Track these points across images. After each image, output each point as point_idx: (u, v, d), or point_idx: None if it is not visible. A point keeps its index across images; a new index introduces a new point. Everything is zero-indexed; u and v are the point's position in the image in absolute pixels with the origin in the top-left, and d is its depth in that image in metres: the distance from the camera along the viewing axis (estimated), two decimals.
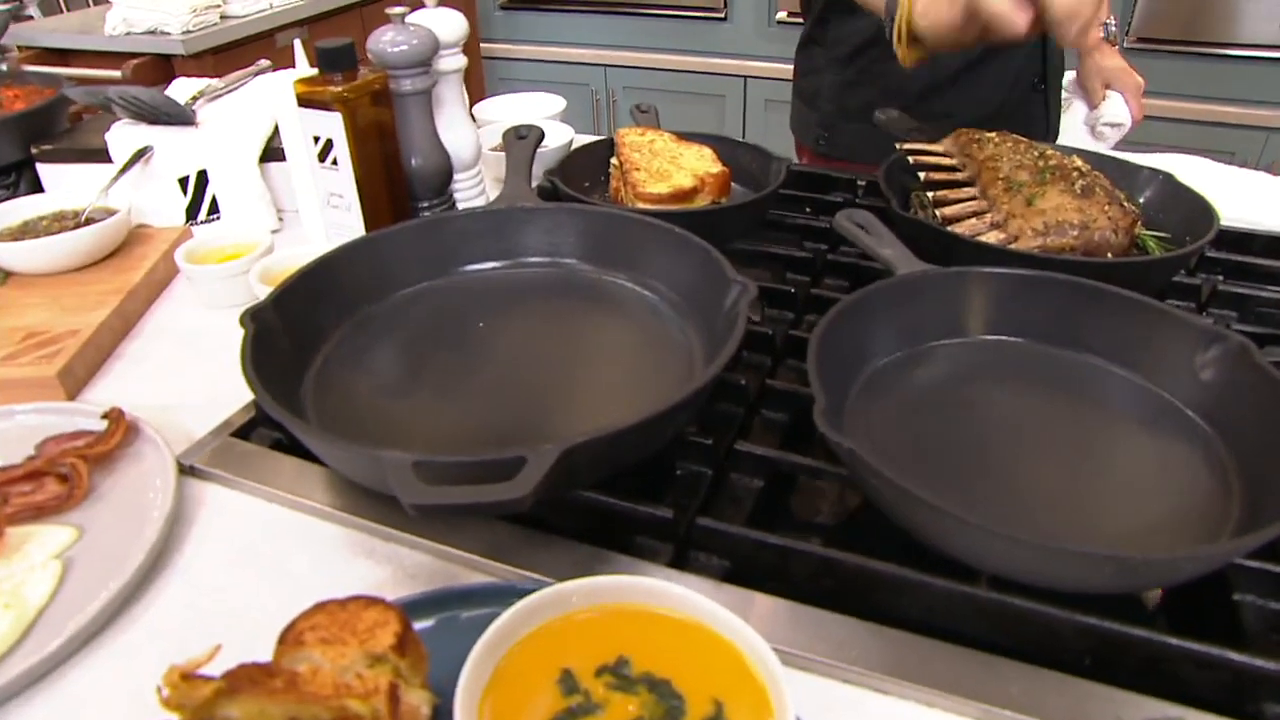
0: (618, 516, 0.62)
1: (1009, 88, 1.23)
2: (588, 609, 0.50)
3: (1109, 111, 1.22)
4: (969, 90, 1.21)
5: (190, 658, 0.45)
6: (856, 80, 1.25)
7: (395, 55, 0.88)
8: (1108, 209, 0.83)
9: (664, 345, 0.76)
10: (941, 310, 0.73)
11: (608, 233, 0.82)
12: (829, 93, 1.29)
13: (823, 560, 0.57)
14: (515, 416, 0.70)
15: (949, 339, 0.73)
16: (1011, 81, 1.23)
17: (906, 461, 0.63)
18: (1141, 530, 0.59)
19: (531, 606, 0.49)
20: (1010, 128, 1.00)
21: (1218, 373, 0.66)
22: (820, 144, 1.33)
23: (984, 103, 1.22)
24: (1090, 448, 0.66)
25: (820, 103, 1.31)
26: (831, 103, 1.29)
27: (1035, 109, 1.27)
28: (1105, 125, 1.24)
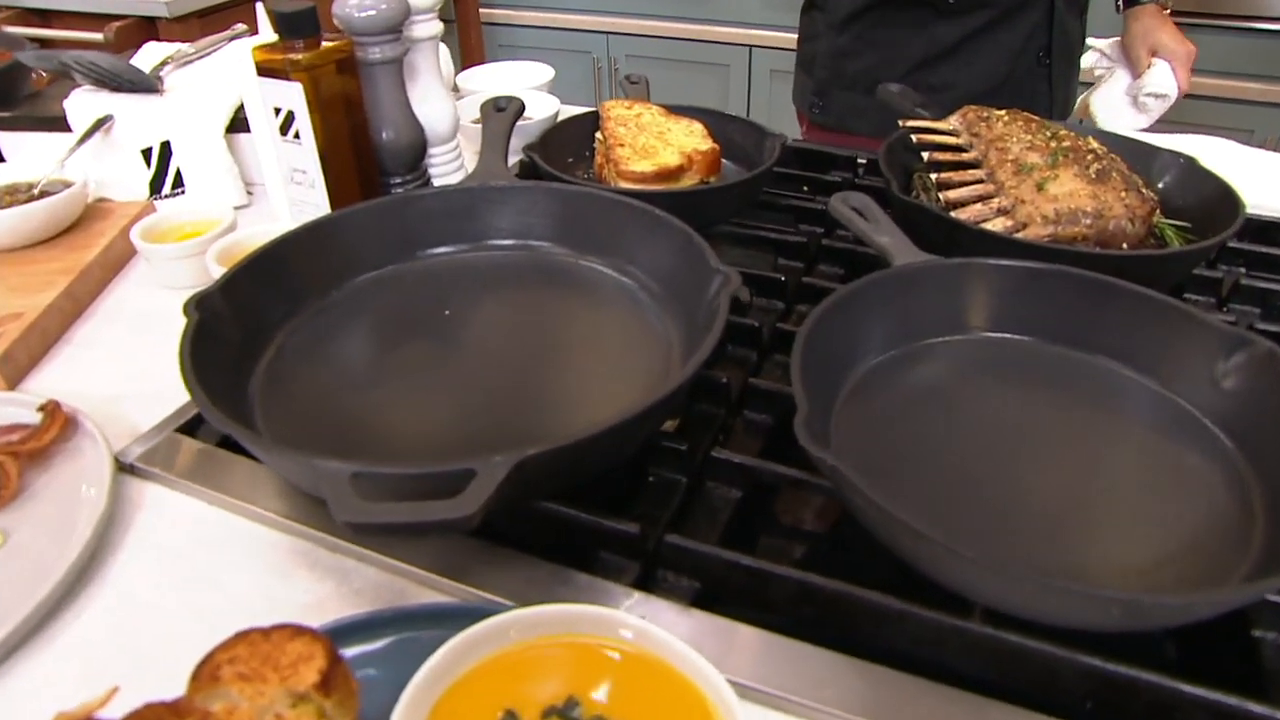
0: (580, 530, 0.57)
1: (1013, 61, 1.16)
2: (534, 641, 0.46)
3: (1154, 81, 1.16)
4: (970, 61, 1.15)
5: (83, 702, 0.41)
6: (852, 47, 1.20)
7: (362, 21, 0.82)
8: (1124, 196, 0.77)
9: (641, 337, 0.71)
10: (941, 305, 0.67)
11: (583, 214, 0.76)
12: (824, 59, 1.24)
13: (800, 585, 0.52)
14: (479, 417, 0.65)
15: (948, 336, 0.68)
16: (1016, 54, 1.16)
17: (896, 475, 0.57)
18: (1153, 560, 0.53)
19: (471, 640, 0.45)
20: (1013, 104, 0.94)
21: (1242, 381, 0.61)
22: (815, 111, 1.28)
23: (986, 76, 1.16)
24: (1099, 461, 0.60)
25: (816, 69, 1.26)
26: (826, 69, 1.24)
27: (1039, 84, 1.20)
28: (1148, 96, 1.17)
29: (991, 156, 0.84)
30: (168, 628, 0.55)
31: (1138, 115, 1.23)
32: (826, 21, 1.22)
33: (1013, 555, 0.53)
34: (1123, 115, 1.24)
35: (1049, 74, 1.21)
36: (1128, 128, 1.21)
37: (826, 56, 1.23)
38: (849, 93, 1.21)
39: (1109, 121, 1.24)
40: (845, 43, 1.20)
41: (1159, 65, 1.20)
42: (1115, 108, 1.25)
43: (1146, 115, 1.22)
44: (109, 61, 0.96)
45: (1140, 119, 1.23)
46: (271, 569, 0.58)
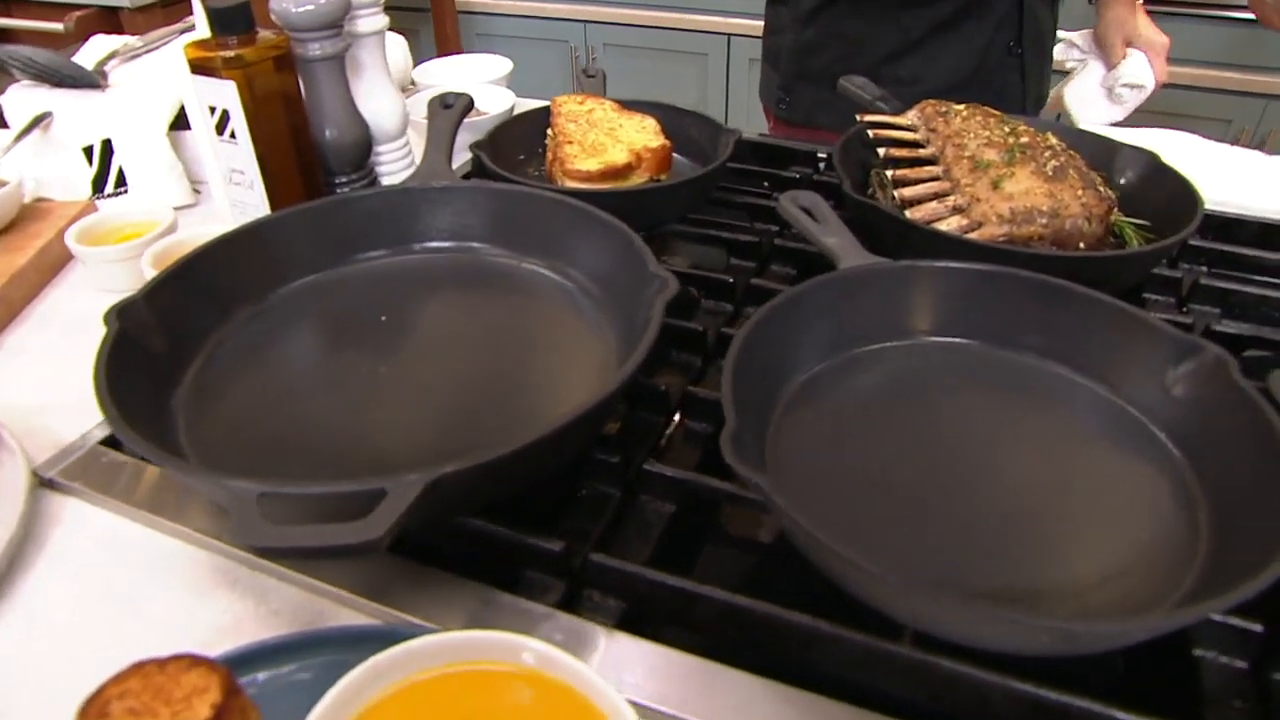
0: (504, 548, 0.55)
1: (982, 52, 1.14)
2: (443, 669, 0.44)
3: (1129, 71, 1.13)
4: (938, 55, 1.13)
5: None
6: (818, 41, 1.17)
7: (300, 16, 0.80)
8: (1081, 194, 0.75)
9: (580, 343, 0.69)
10: (886, 309, 0.65)
11: (522, 214, 0.74)
12: (789, 54, 1.21)
13: (725, 607, 0.50)
14: (409, 429, 0.63)
15: (893, 342, 0.66)
16: (985, 45, 1.14)
17: (833, 490, 0.56)
18: (1097, 577, 0.51)
19: (372, 672, 0.43)
20: (984, 97, 0.92)
21: (1191, 390, 0.59)
22: (781, 107, 1.26)
23: (955, 69, 1.13)
24: (1045, 472, 0.58)
25: (782, 64, 1.23)
26: (792, 64, 1.21)
27: (1011, 75, 1.18)
28: (1124, 87, 1.15)
29: (948, 153, 0.81)
30: (78, 653, 0.53)
31: (1112, 107, 1.21)
32: (792, 15, 1.20)
33: (952, 574, 0.51)
34: (1097, 107, 1.22)
35: (1021, 65, 1.18)
36: (1102, 120, 1.19)
37: (792, 51, 1.20)
38: (815, 87, 1.19)
39: (1083, 114, 1.21)
40: (811, 37, 1.17)
41: (1134, 55, 1.17)
42: (1089, 100, 1.23)
43: (1121, 107, 1.20)
44: (46, 57, 0.94)
45: (1115, 111, 1.21)
46: (191, 588, 0.57)
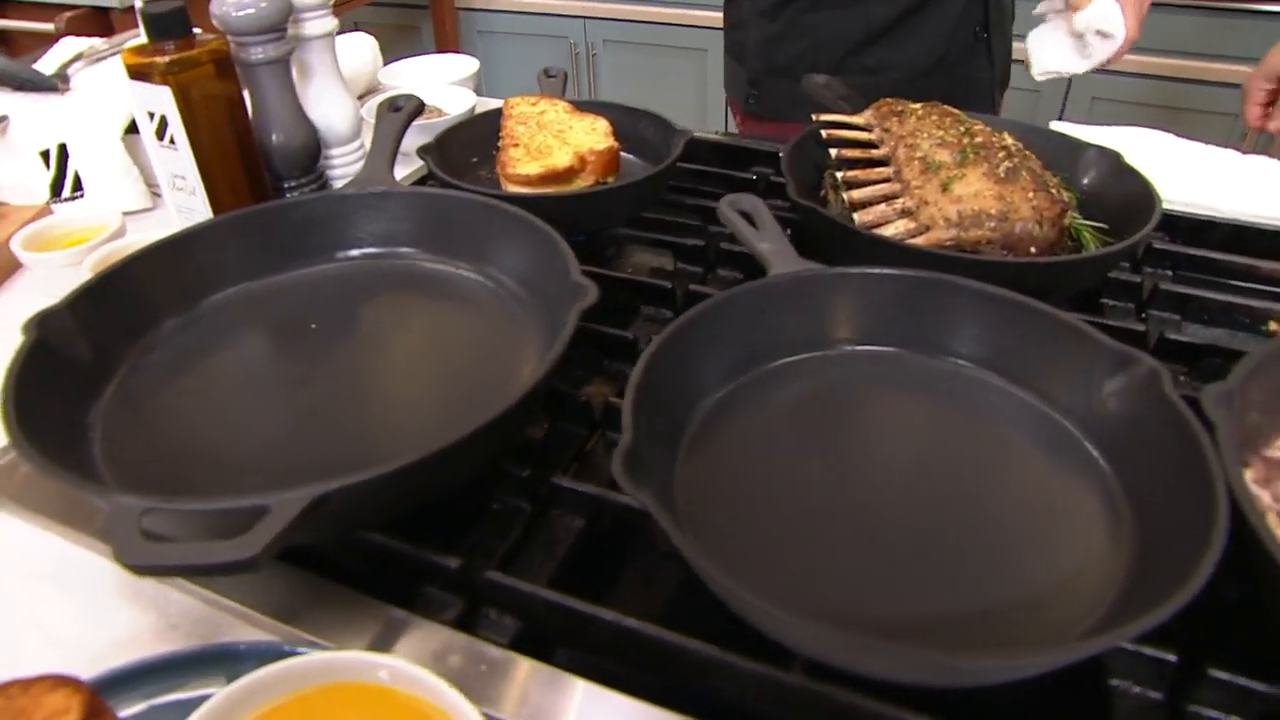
0: (403, 563, 0.54)
1: (949, 37, 1.11)
2: (315, 690, 0.43)
3: (1098, 15, 1.04)
4: (904, 43, 1.11)
5: None
6: (784, 34, 1.15)
7: (240, 20, 0.79)
8: (1032, 197, 0.73)
9: (508, 351, 0.67)
10: (812, 319, 0.63)
11: (453, 219, 0.73)
12: (756, 48, 1.19)
13: (616, 629, 0.49)
14: (326, 441, 0.61)
15: (817, 352, 0.64)
16: (951, 30, 1.11)
17: (741, 513, 0.54)
18: (1012, 601, 0.49)
19: (232, 698, 0.42)
20: (952, 83, 0.89)
21: (1123, 403, 0.57)
22: (750, 103, 1.23)
23: (921, 56, 1.11)
24: (967, 490, 0.56)
25: (748, 59, 1.21)
26: (759, 59, 1.19)
27: (978, 59, 1.15)
28: (1095, 34, 1.07)
29: (900, 153, 0.79)
30: None
31: (1078, 57, 1.10)
32: (754, 8, 1.18)
33: (859, 602, 0.49)
34: (1061, 56, 1.12)
35: (988, 49, 1.15)
36: (1063, 68, 1.10)
37: (758, 44, 1.18)
38: (784, 80, 1.17)
39: (1044, 62, 1.11)
40: (778, 29, 1.15)
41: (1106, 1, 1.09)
42: (1053, 48, 1.14)
43: (1087, 59, 1.10)
44: (2, 62, 0.94)
45: (1080, 62, 1.10)
46: (93, 600, 0.56)
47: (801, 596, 0.50)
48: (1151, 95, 2.05)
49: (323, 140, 0.92)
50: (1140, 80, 2.05)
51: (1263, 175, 0.90)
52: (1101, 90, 2.10)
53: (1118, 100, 2.10)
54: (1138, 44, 2.00)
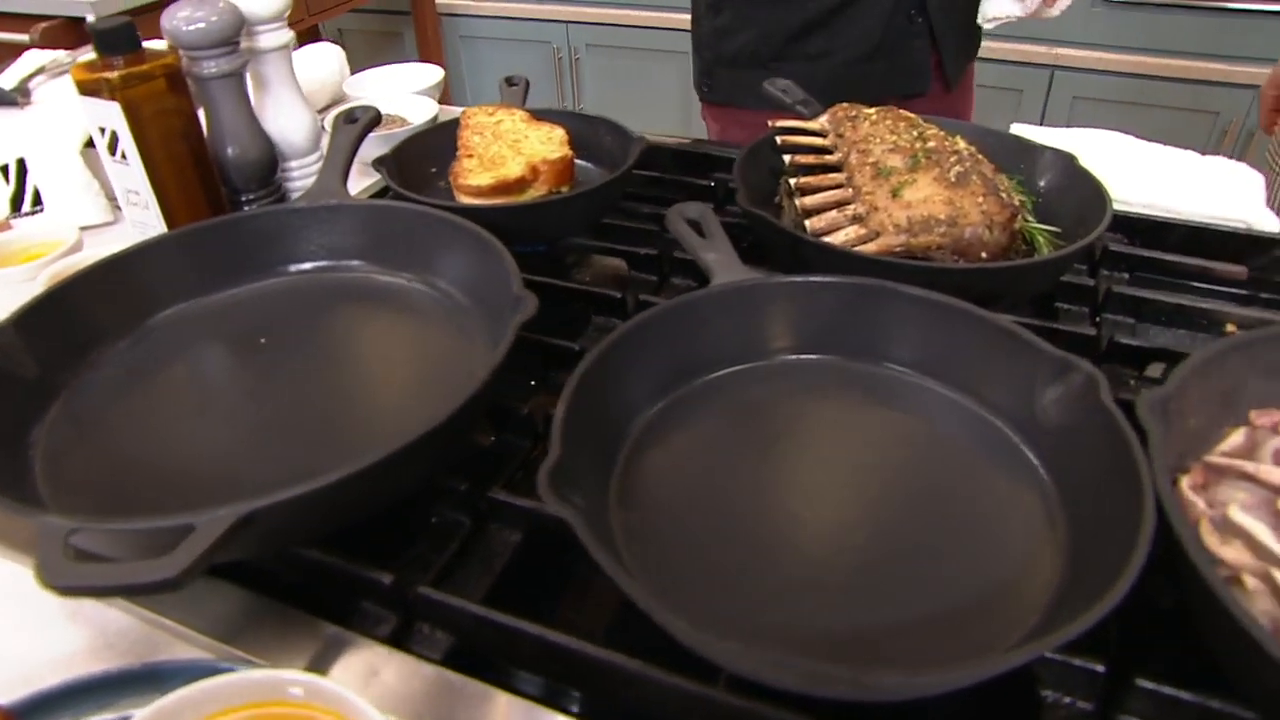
0: (338, 578, 0.54)
1: (885, 22, 1.12)
2: (236, 710, 0.43)
3: None
4: (842, 30, 1.12)
5: None
6: (730, 25, 1.18)
7: (191, 34, 0.79)
8: (982, 201, 0.72)
9: (455, 363, 0.67)
10: (754, 329, 0.63)
11: (401, 232, 0.73)
12: (706, 38, 1.22)
13: (542, 645, 0.49)
14: (275, 456, 0.61)
15: (758, 362, 0.64)
16: (888, 16, 1.12)
17: (675, 528, 0.53)
18: (946, 611, 0.49)
19: (156, 713, 0.42)
20: (891, 66, 0.89)
21: (1062, 410, 0.56)
22: (705, 90, 1.26)
23: (860, 41, 1.12)
24: (904, 500, 0.56)
25: (702, 49, 1.24)
26: (710, 49, 1.22)
27: (918, 41, 1.15)
28: None
29: (853, 159, 0.79)
30: None
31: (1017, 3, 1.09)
32: (704, 1, 1.20)
33: (789, 616, 0.49)
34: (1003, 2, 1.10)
35: (929, 32, 1.15)
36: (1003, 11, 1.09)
37: (708, 35, 1.21)
38: (733, 70, 1.19)
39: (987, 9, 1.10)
40: (724, 22, 1.18)
41: None
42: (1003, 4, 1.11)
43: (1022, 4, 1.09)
44: None
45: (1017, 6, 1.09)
46: (32, 619, 0.56)
47: (734, 611, 0.49)
48: (1133, 93, 2.04)
49: (281, 153, 0.92)
50: (1122, 79, 2.04)
51: (1221, 176, 0.90)
52: (1083, 89, 2.10)
53: (1100, 99, 2.09)
54: (1119, 43, 2.01)
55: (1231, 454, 0.57)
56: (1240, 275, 0.80)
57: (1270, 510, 0.53)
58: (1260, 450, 0.57)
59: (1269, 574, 0.48)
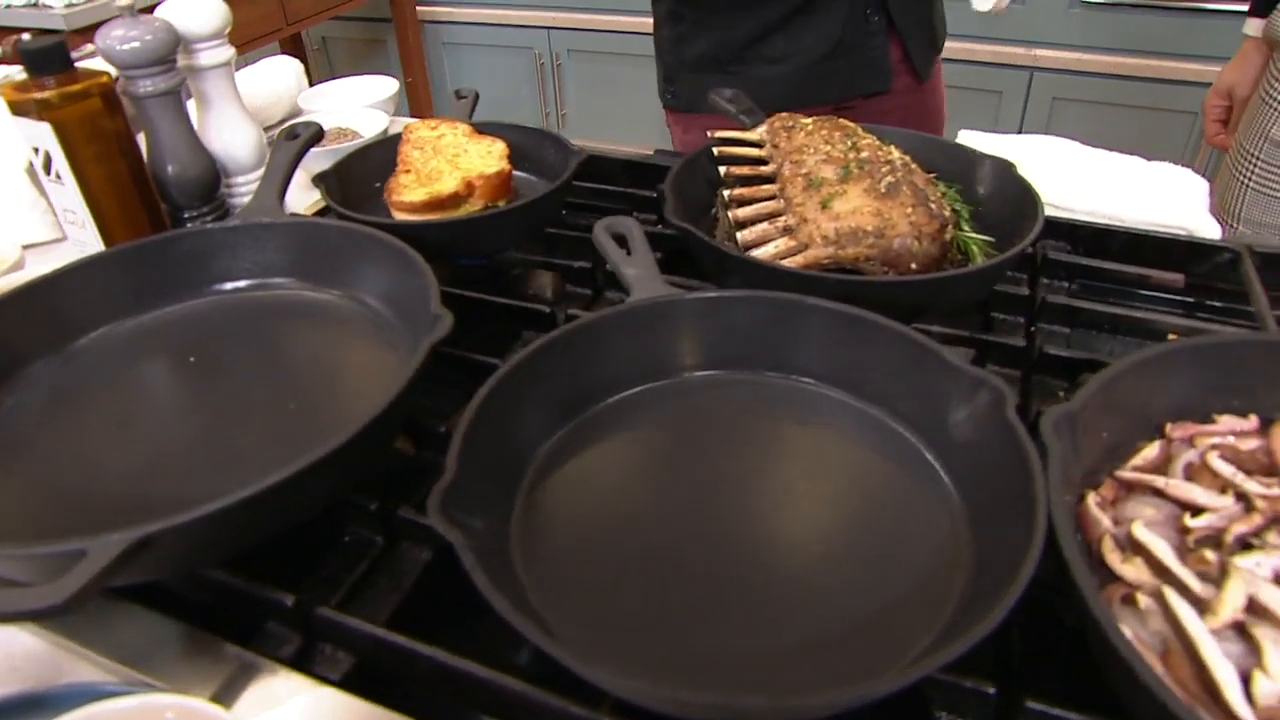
0: (240, 599, 0.54)
1: (843, 22, 1.12)
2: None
3: None
4: (800, 33, 1.12)
5: None
6: (689, 33, 1.18)
7: (126, 53, 0.79)
8: (910, 212, 0.72)
9: (379, 380, 0.67)
10: (662, 346, 0.63)
11: (328, 248, 0.73)
12: (668, 45, 1.23)
13: (435, 666, 0.49)
14: (197, 476, 0.61)
15: (666, 380, 0.63)
16: (845, 16, 1.12)
17: (572, 547, 0.53)
18: (848, 630, 0.49)
19: None
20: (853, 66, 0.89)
21: (972, 428, 0.56)
22: (668, 98, 1.27)
23: (818, 43, 1.12)
24: (814, 514, 0.56)
25: (664, 56, 1.25)
26: (672, 55, 1.23)
27: (875, 41, 1.15)
28: None
29: (786, 170, 0.79)
30: None
31: None
32: (664, 9, 1.21)
33: (688, 638, 0.49)
34: None
35: (888, 29, 1.15)
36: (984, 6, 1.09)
37: (669, 42, 1.22)
38: (695, 76, 1.20)
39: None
40: (684, 29, 1.18)
41: None
42: None
43: None
44: None
45: None
46: None
47: (631, 635, 0.49)
48: (1112, 94, 2.04)
49: (225, 169, 0.92)
50: (1100, 79, 2.03)
51: (1166, 182, 0.89)
52: (1062, 90, 2.09)
53: (1079, 100, 2.08)
54: (1097, 43, 2.00)
55: (1144, 468, 0.57)
56: (1178, 283, 0.79)
57: (1176, 526, 0.53)
58: (1173, 464, 0.57)
59: (1162, 592, 0.47)
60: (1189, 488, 0.54)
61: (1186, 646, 0.45)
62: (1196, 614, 0.46)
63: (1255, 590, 0.47)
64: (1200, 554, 0.49)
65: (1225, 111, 1.38)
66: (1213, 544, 0.51)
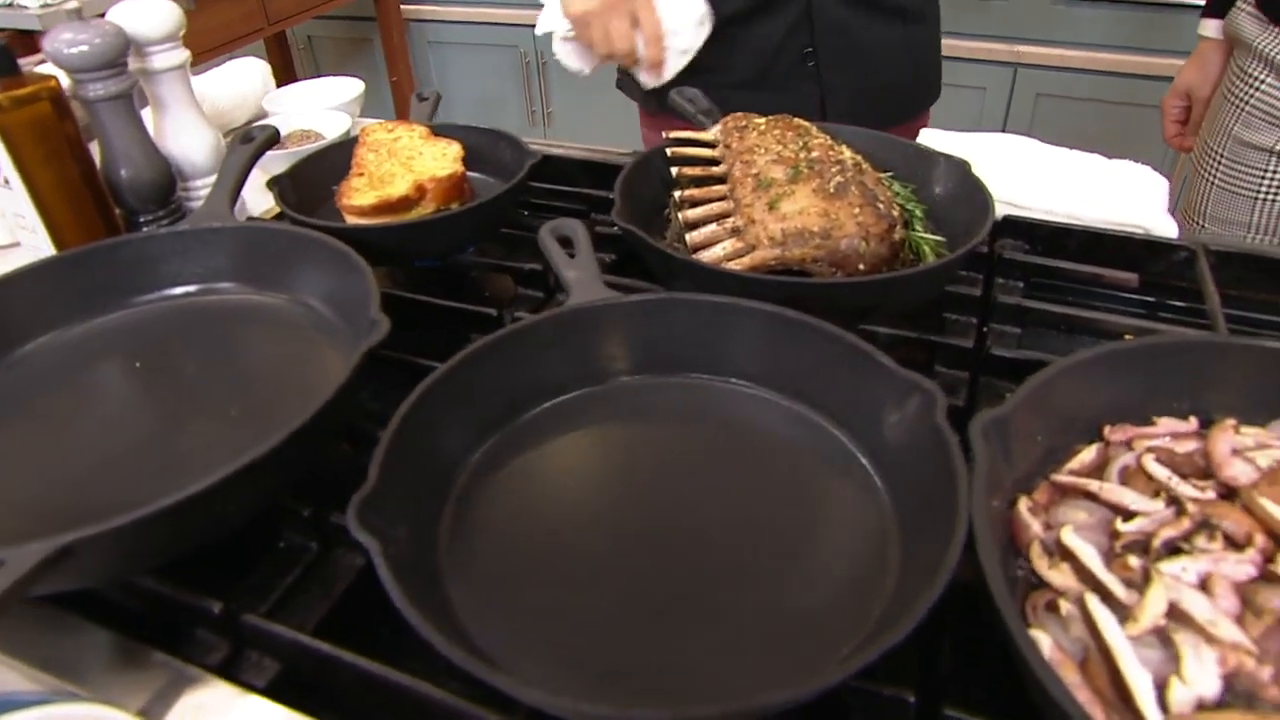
0: (168, 606, 0.54)
1: (772, 55, 1.10)
2: None
3: None
4: (733, 48, 1.10)
5: None
6: None
7: (74, 57, 0.79)
8: (858, 213, 0.72)
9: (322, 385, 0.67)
10: (594, 351, 0.63)
11: (273, 252, 0.73)
12: None
13: (357, 673, 0.48)
14: (133, 483, 0.61)
15: (598, 385, 0.63)
16: (775, 49, 1.10)
17: (497, 557, 0.53)
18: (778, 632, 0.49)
19: None
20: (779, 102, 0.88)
21: (904, 431, 0.56)
22: (641, 98, 1.26)
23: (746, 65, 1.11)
24: (746, 518, 0.55)
25: None
26: None
27: (805, 84, 1.13)
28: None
29: (736, 171, 0.78)
30: None
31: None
32: None
33: (611, 647, 0.48)
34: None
35: (818, 74, 1.13)
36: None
37: None
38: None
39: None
40: None
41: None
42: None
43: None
44: None
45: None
46: None
47: (550, 642, 0.49)
48: (1096, 90, 2.03)
49: (182, 172, 0.92)
50: (1084, 75, 2.03)
51: (1125, 180, 0.89)
52: (1046, 86, 2.08)
53: (1064, 96, 2.08)
54: (1080, 39, 1.99)
55: (1080, 472, 0.56)
56: (1131, 283, 0.79)
57: (1106, 531, 0.52)
58: (1110, 467, 0.56)
59: (1084, 598, 0.47)
60: (1121, 491, 0.53)
61: (1104, 653, 0.44)
62: (1116, 621, 0.45)
63: (1178, 596, 0.46)
64: (1124, 560, 0.48)
65: (1184, 112, 1.38)
66: (1141, 549, 0.50)
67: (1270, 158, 1.22)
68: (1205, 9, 1.31)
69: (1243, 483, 0.53)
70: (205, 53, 1.88)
